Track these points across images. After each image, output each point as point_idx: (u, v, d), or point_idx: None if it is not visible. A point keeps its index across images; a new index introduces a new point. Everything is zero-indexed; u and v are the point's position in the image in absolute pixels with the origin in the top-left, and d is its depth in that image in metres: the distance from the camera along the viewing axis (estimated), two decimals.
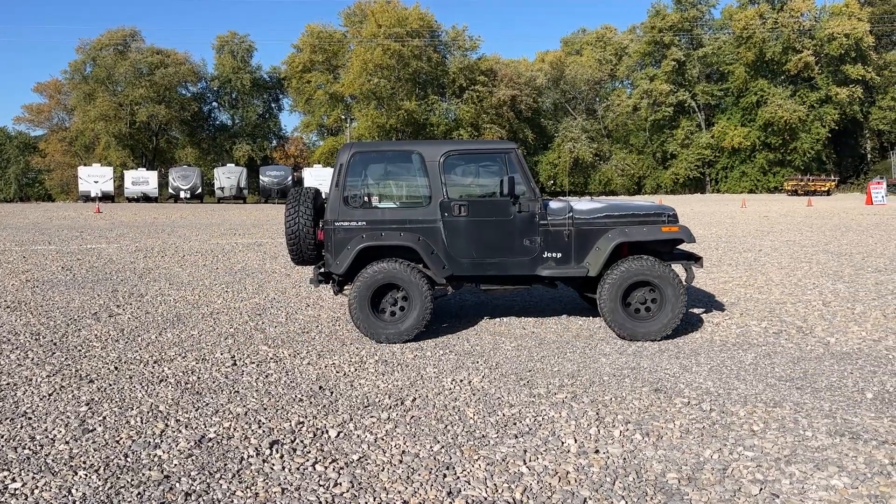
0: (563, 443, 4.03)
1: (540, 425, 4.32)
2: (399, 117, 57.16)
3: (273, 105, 71.06)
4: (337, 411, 4.58)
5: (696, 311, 7.71)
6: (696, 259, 6.92)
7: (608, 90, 67.58)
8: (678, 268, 6.97)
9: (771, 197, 46.33)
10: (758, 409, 4.54)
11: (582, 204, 6.73)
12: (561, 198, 7.70)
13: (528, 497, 3.38)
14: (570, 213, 6.52)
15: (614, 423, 4.32)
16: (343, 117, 61.28)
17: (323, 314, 7.78)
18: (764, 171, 57.81)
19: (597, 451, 3.90)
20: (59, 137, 65.78)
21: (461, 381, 5.23)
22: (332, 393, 4.96)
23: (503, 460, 3.80)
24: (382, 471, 3.66)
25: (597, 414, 4.49)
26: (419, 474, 3.62)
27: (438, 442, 4.05)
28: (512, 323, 7.28)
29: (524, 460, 3.79)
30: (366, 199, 6.78)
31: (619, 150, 63.65)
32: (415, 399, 4.82)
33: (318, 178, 51.12)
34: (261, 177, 51.96)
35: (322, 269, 6.75)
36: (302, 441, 4.07)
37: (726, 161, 59.60)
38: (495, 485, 3.50)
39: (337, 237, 6.41)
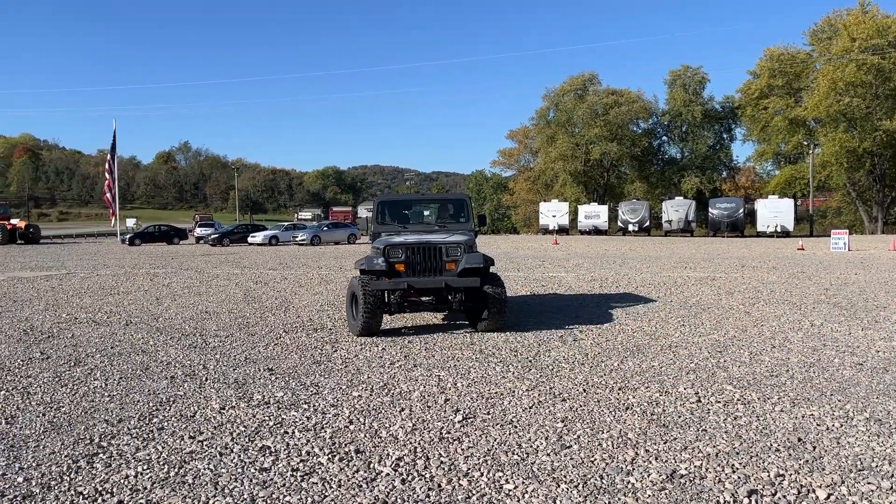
0: None
1: None
2: (875, 139, 49.97)
3: (724, 135, 68.83)
4: (823, 469, 4.03)
5: None
6: None
7: None
8: None
9: None
10: None
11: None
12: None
13: None
14: None
15: None
16: (804, 143, 56.11)
17: (792, 357, 7.06)
18: None
19: None
20: (525, 177, 74.73)
21: None
22: (814, 448, 4.40)
23: None
24: None
25: None
26: None
27: None
28: None
29: None
30: None
31: None
32: None
33: (773, 209, 47.59)
34: (709, 209, 50.73)
35: None
36: (784, 496, 3.66)
37: None
38: None
39: None
